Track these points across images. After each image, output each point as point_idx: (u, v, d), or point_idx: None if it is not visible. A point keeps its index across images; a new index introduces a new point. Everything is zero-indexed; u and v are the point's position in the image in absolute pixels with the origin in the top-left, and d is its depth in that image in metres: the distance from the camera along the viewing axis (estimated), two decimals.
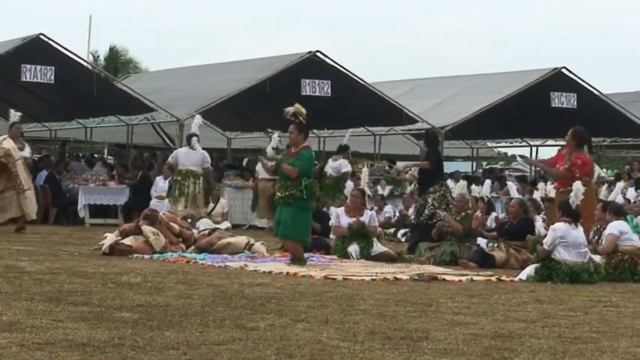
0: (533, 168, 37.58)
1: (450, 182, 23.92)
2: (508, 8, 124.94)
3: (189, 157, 24.76)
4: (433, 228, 19.70)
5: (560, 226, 15.48)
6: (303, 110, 16.93)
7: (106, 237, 17.81)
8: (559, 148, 18.98)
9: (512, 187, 25.31)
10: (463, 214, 18.83)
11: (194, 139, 25.07)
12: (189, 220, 23.30)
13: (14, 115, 24.54)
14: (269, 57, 37.45)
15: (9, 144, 22.11)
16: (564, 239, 15.29)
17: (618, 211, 17.77)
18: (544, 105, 35.50)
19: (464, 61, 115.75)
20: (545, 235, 15.66)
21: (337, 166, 22.49)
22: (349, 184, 25.11)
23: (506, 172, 34.29)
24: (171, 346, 8.06)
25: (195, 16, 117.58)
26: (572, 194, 17.02)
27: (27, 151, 23.89)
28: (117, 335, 8.47)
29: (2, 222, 21.34)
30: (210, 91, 36.04)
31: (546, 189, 20.59)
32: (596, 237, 16.81)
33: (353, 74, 35.69)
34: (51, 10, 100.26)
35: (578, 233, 15.57)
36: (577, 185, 17.32)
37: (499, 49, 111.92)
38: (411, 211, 24.38)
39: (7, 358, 7.30)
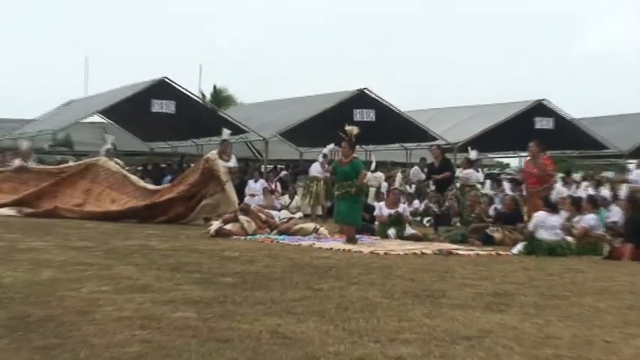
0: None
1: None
2: (516, 52, 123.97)
3: (316, 168, 26.28)
4: (449, 216, 19.85)
5: (540, 214, 15.57)
6: (356, 130, 16.99)
7: (212, 224, 17.93)
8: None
9: (506, 186, 25.06)
10: (474, 215, 18.83)
11: (320, 155, 25.64)
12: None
13: (225, 133, 23.67)
14: (331, 93, 37.47)
15: (210, 155, 21.61)
16: (543, 223, 15.28)
17: (594, 203, 17.76)
18: (529, 127, 35.35)
19: (472, 93, 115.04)
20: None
21: (466, 174, 22.28)
22: (384, 185, 25.33)
23: (502, 176, 34.16)
24: (260, 302, 8.10)
25: (277, 63, 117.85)
26: (554, 192, 17.12)
27: (232, 162, 22.64)
28: (221, 295, 8.54)
29: (209, 216, 20.64)
30: (288, 117, 36.18)
31: None
32: (568, 222, 16.73)
33: (391, 105, 35.71)
34: (172, 60, 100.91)
35: (554, 219, 15.56)
36: (558, 187, 17.36)
37: (493, 84, 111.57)
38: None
39: (143, 311, 7.37)
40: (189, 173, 22.03)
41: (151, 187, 23.04)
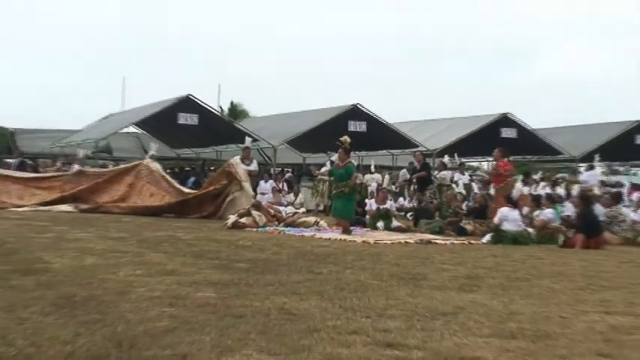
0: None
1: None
2: (492, 66, 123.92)
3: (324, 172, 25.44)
4: (429, 210, 19.78)
5: (503, 210, 15.66)
6: (349, 140, 17.06)
7: (229, 218, 17.92)
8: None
9: (474, 186, 25.03)
10: (451, 210, 18.80)
11: (328, 162, 25.45)
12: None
13: (247, 141, 23.52)
14: (329, 107, 37.55)
15: (232, 160, 21.59)
16: (506, 217, 15.33)
17: (552, 200, 17.87)
18: (496, 136, 35.46)
19: (449, 107, 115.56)
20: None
21: (442, 176, 22.17)
22: (374, 185, 25.25)
23: (473, 177, 34.31)
24: (269, 284, 8.08)
25: (284, 82, 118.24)
26: (514, 191, 17.19)
27: (253, 166, 22.30)
28: (236, 277, 8.52)
29: (232, 213, 19.50)
30: (293, 128, 36.26)
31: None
32: (529, 216, 16.77)
33: (379, 117, 35.82)
34: (195, 80, 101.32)
35: (515, 213, 15.65)
36: (518, 186, 17.45)
37: (467, 100, 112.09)
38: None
39: (171, 292, 7.37)
40: (216, 176, 22.17)
41: (185, 189, 23.18)
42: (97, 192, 23.11)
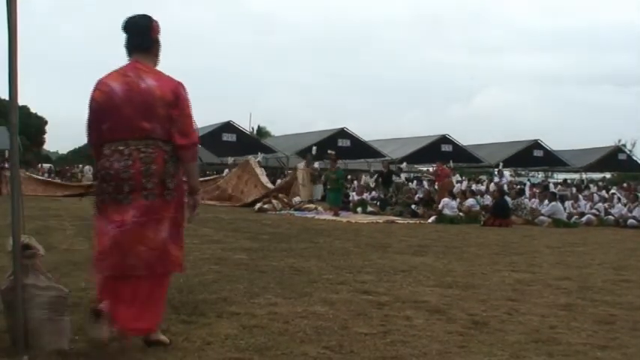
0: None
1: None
2: (433, 105, 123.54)
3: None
4: (389, 200, 19.63)
5: (445, 199, 15.46)
6: (334, 153, 17.36)
7: (258, 205, 17.84)
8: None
9: (425, 184, 24.89)
10: (405, 200, 18.71)
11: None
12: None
13: (313, 149, 22.39)
14: (324, 129, 37.58)
15: (301, 165, 20.54)
16: (447, 205, 15.23)
17: (473, 193, 17.71)
18: (438, 150, 35.47)
19: (406, 129, 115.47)
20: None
21: (400, 178, 21.66)
22: (355, 183, 25.07)
23: (422, 177, 34.39)
24: (283, 250, 8.06)
25: (296, 112, 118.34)
26: (453, 188, 17.08)
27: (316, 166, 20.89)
28: (261, 245, 8.50)
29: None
30: (301, 143, 36.20)
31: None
32: (461, 204, 16.67)
33: (359, 136, 35.81)
34: (234, 110, 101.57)
35: (453, 202, 15.50)
36: (457, 184, 17.26)
37: (417, 123, 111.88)
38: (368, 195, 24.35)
39: (216, 255, 7.33)
40: (291, 174, 21.18)
41: (266, 179, 22.10)
42: (228, 187, 21.68)
